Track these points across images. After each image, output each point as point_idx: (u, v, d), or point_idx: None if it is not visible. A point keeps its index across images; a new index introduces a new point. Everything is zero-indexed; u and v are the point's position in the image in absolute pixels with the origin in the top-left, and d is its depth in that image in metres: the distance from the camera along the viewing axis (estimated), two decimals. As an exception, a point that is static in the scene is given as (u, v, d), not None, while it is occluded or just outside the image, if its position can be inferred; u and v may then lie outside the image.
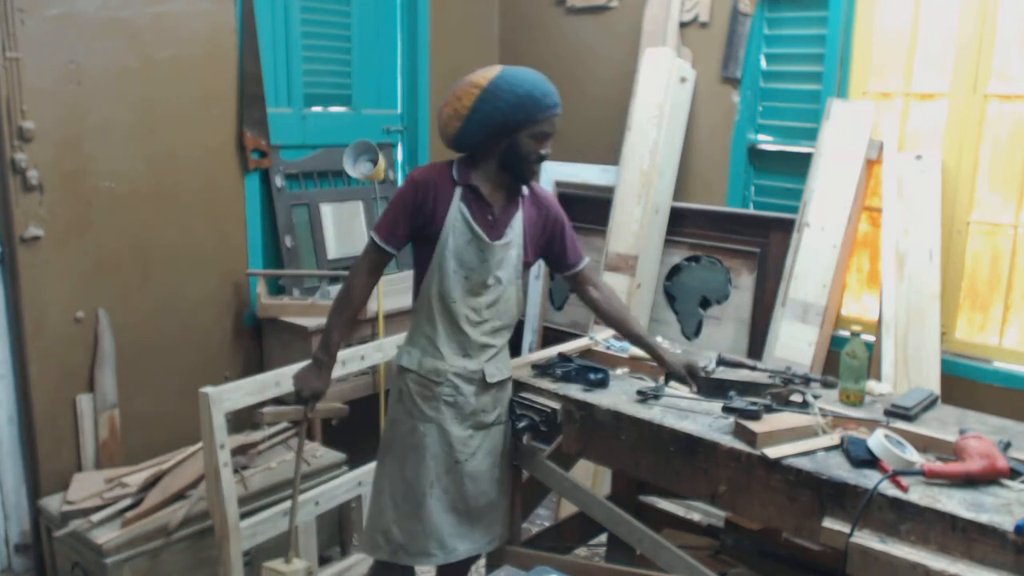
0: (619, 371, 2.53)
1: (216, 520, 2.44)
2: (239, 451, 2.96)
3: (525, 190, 2.30)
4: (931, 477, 1.84)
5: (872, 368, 2.90)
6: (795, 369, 2.49)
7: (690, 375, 2.33)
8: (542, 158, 2.23)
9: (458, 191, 2.22)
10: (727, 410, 2.17)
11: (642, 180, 3.50)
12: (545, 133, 2.20)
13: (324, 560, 3.04)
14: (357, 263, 2.27)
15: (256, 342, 3.46)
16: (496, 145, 2.20)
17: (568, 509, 3.04)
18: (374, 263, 2.26)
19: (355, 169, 3.34)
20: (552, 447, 2.44)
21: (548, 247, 2.38)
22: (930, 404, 2.27)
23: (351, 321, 2.33)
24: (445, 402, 2.25)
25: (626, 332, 2.44)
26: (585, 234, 3.98)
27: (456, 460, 2.26)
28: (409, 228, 2.22)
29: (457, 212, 2.20)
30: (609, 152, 3.76)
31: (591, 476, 3.34)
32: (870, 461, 1.91)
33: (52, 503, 2.78)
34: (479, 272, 2.23)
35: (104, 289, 2.96)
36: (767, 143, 3.49)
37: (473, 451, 2.28)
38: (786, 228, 3.27)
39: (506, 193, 2.27)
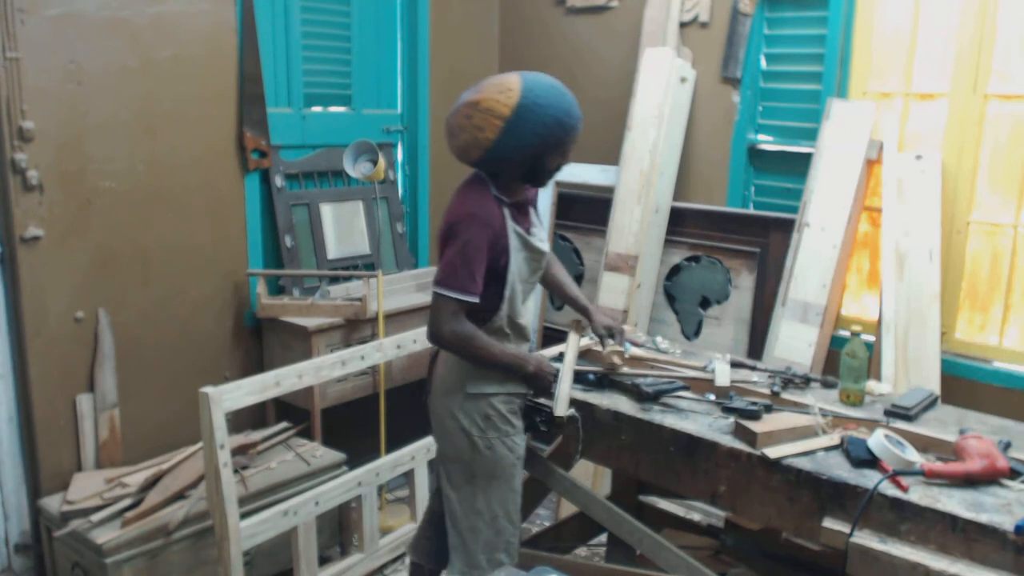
0: (621, 369, 2.52)
1: (216, 520, 2.44)
2: (239, 451, 2.96)
3: None
4: (931, 477, 1.84)
5: (872, 368, 2.90)
6: (795, 369, 2.50)
7: (608, 334, 2.41)
8: (562, 168, 2.22)
9: (506, 212, 2.16)
10: (727, 410, 2.17)
11: (642, 180, 3.50)
12: (569, 149, 2.18)
13: (324, 560, 3.04)
14: (442, 319, 2.08)
15: (256, 342, 3.46)
16: (519, 164, 2.13)
17: (568, 509, 3.04)
18: (456, 313, 2.09)
19: (355, 169, 3.34)
20: (552, 447, 2.44)
21: None
22: (930, 404, 2.27)
23: (488, 340, 2.16)
24: (522, 407, 2.28)
25: (563, 293, 2.52)
26: (585, 234, 3.98)
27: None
28: (484, 273, 2.11)
29: (514, 236, 2.16)
30: (609, 152, 3.76)
31: (591, 476, 3.34)
32: (870, 461, 1.91)
33: (52, 503, 2.78)
34: (531, 281, 2.28)
35: (104, 289, 2.96)
36: (767, 143, 3.49)
37: None
38: (786, 228, 3.27)
39: (522, 190, 2.27)
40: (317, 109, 3.69)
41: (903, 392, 2.45)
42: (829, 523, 1.84)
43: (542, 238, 2.28)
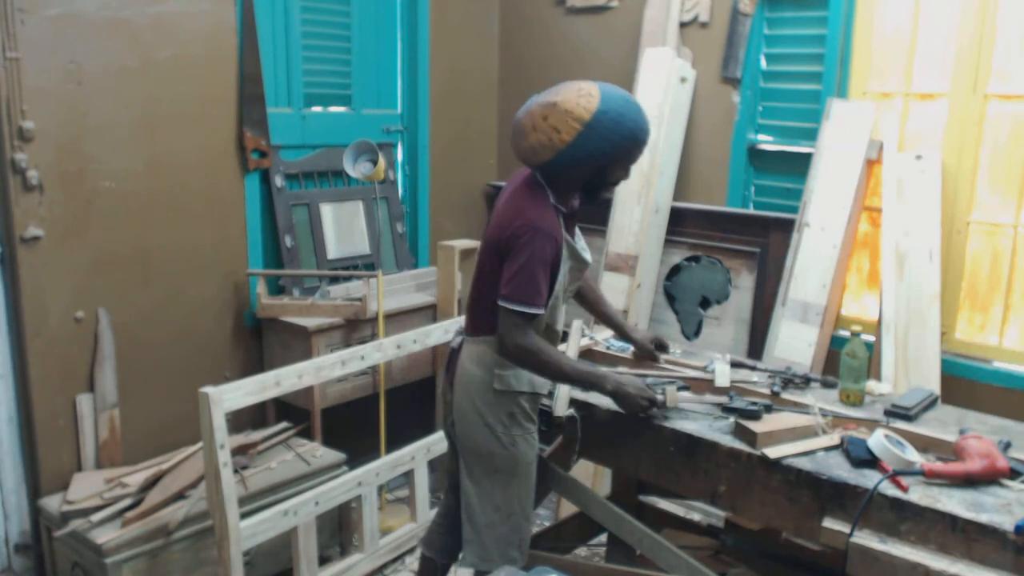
0: (620, 369, 2.52)
1: (216, 520, 2.45)
2: (239, 451, 2.96)
3: None
4: (931, 477, 1.84)
5: (872, 368, 2.90)
6: (795, 369, 2.50)
7: (658, 348, 2.53)
8: (619, 183, 2.23)
9: (562, 222, 2.15)
10: (727, 410, 2.17)
11: (642, 180, 3.50)
12: (632, 164, 2.16)
13: (324, 560, 3.04)
14: (508, 332, 2.06)
15: (256, 342, 3.46)
16: (584, 173, 2.12)
17: (568, 509, 3.04)
18: (521, 326, 2.06)
19: (355, 169, 3.34)
20: (552, 447, 2.44)
21: None
22: (930, 404, 2.27)
23: (557, 354, 2.14)
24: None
25: (600, 312, 2.55)
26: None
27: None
28: (548, 284, 2.10)
29: (567, 247, 2.15)
30: (609, 152, 3.75)
31: (591, 476, 3.34)
32: (870, 461, 1.91)
33: (52, 503, 2.78)
34: (571, 290, 2.27)
35: (104, 289, 2.96)
36: (767, 143, 3.49)
37: None
38: (786, 228, 3.27)
39: (573, 200, 2.25)
40: (317, 109, 3.69)
41: (903, 392, 2.45)
42: (829, 523, 1.84)
43: (584, 247, 2.27)
